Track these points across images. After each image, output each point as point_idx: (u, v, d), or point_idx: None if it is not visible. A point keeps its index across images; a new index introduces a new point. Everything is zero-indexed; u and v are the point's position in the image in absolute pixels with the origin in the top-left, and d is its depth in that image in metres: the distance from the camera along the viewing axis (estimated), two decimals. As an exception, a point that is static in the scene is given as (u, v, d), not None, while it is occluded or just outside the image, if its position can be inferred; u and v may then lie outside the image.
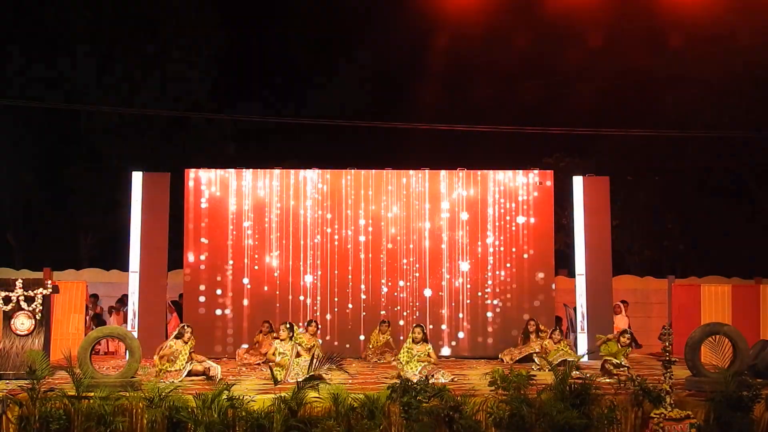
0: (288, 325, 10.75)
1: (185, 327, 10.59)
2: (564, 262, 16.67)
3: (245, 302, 13.41)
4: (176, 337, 10.41)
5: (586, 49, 20.70)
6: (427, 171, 13.73)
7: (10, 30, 19.92)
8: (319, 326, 12.74)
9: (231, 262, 13.44)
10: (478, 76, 23.28)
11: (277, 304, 13.40)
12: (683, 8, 15.31)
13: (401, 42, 22.73)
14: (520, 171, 13.86)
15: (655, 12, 17.33)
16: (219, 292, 13.37)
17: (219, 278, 13.40)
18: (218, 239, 13.46)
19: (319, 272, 13.48)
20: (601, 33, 19.91)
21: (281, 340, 10.56)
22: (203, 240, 13.44)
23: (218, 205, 13.51)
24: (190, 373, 9.91)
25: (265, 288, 13.43)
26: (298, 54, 23.80)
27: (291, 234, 13.54)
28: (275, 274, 13.46)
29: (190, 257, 13.39)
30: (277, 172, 13.70)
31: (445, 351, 13.35)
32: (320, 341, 12.45)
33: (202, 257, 13.42)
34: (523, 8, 19.20)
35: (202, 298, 13.37)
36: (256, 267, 13.47)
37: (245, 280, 13.42)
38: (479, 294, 13.53)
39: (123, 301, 14.11)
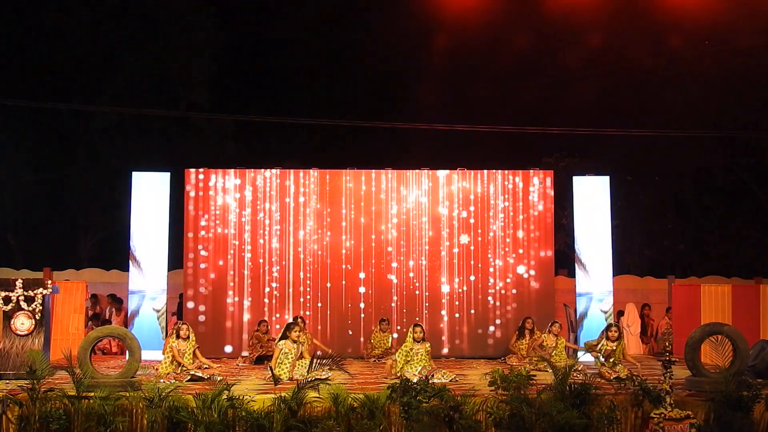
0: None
1: (181, 324, 10.58)
2: (564, 262, 16.67)
3: (245, 302, 13.40)
4: (176, 337, 10.41)
5: (586, 49, 20.73)
6: (425, 171, 13.72)
7: (10, 29, 19.92)
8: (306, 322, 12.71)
9: (231, 262, 13.45)
10: (478, 76, 23.30)
11: (277, 314, 13.40)
12: (683, 8, 15.31)
13: (401, 41, 22.75)
14: (520, 171, 13.86)
15: (656, 11, 17.36)
16: (219, 292, 13.38)
17: (219, 278, 13.40)
18: (218, 239, 13.46)
19: (319, 271, 13.49)
20: (602, 33, 19.94)
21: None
22: (203, 240, 13.43)
23: (218, 205, 13.51)
24: (192, 378, 9.89)
25: (266, 290, 13.42)
26: (299, 53, 23.83)
27: (291, 233, 13.54)
28: (275, 275, 13.46)
29: (190, 257, 13.39)
30: (277, 172, 13.70)
31: (445, 351, 13.37)
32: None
33: (202, 257, 13.41)
34: (523, 7, 19.23)
35: (201, 299, 13.37)
36: (261, 263, 13.47)
37: (245, 280, 13.42)
38: (480, 296, 13.52)
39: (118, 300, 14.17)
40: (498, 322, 13.50)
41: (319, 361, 9.66)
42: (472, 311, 13.48)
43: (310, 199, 13.60)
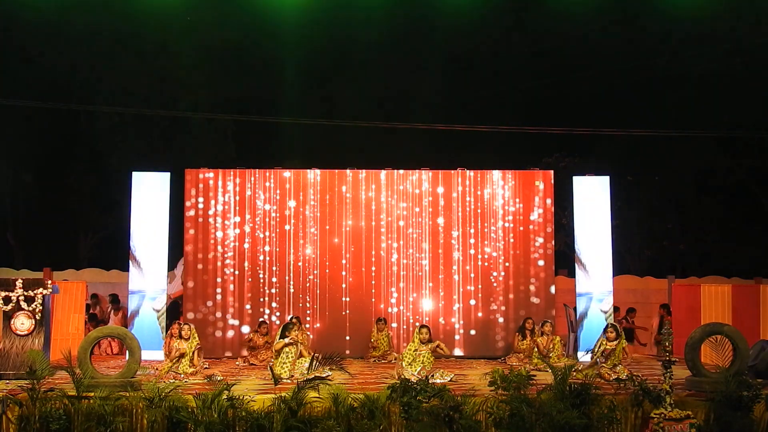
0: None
1: (182, 325, 10.59)
2: (564, 262, 16.67)
3: (246, 303, 13.40)
4: (178, 337, 10.42)
5: (586, 49, 20.74)
6: (424, 171, 13.72)
7: (9, 29, 19.90)
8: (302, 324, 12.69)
9: (230, 262, 13.44)
10: (477, 76, 23.31)
11: (277, 313, 13.41)
12: (684, 7, 15.31)
13: (402, 41, 22.72)
14: (520, 171, 13.86)
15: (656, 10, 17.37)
16: (219, 292, 13.38)
17: (219, 278, 13.40)
18: (218, 240, 13.45)
19: (318, 272, 13.49)
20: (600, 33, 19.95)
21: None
22: (203, 240, 13.43)
23: (218, 205, 13.51)
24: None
25: (265, 291, 13.43)
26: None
27: (291, 234, 13.53)
28: (275, 276, 13.46)
29: (190, 258, 13.39)
30: (276, 172, 13.69)
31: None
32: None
33: (202, 257, 13.41)
34: (522, 7, 19.23)
35: (201, 298, 13.37)
36: (259, 270, 13.47)
37: (245, 281, 13.42)
38: (479, 295, 13.52)
39: (116, 300, 14.18)
40: (500, 320, 13.50)
41: (319, 360, 9.66)
42: (472, 312, 13.47)
43: (311, 199, 13.60)
